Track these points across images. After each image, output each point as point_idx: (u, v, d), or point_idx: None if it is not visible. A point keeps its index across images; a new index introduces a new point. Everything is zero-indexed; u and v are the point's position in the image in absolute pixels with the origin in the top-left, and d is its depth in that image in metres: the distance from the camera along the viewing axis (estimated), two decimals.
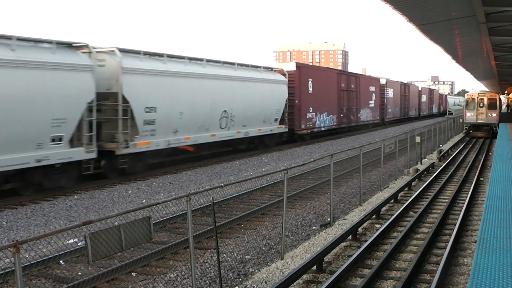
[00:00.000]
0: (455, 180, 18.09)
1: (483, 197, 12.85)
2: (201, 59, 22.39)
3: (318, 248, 9.35)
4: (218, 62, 23.68)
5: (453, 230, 10.55)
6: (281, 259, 9.33)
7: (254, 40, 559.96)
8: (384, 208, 13.28)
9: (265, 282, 8.12)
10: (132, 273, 8.72)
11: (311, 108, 33.01)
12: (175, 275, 8.60)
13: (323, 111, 35.18)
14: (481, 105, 37.22)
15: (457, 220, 11.33)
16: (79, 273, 8.72)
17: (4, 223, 12.14)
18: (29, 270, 8.61)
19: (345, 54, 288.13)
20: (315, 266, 8.46)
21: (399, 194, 14.96)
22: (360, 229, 11.11)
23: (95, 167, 17.01)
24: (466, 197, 14.01)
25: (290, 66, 31.37)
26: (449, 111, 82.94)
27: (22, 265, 7.73)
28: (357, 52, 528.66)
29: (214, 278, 8.41)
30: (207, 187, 11.21)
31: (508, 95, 52.13)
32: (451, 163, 22.62)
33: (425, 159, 24.10)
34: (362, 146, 16.02)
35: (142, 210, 8.91)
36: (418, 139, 22.81)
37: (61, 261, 9.18)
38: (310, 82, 32.85)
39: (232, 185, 10.99)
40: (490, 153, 25.08)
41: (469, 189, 15.40)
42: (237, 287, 8.12)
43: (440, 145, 29.99)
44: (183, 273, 8.69)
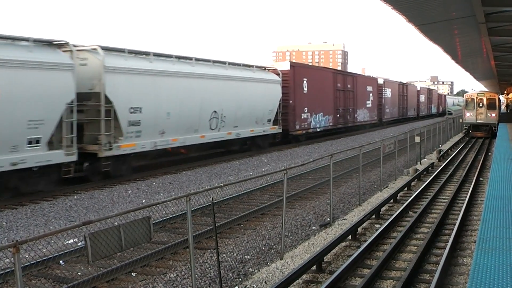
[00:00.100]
0: (454, 180, 18.09)
1: (483, 197, 12.85)
2: (190, 58, 21.72)
3: (318, 248, 9.35)
4: (208, 61, 23.02)
5: (452, 230, 10.55)
6: (280, 259, 9.33)
7: (254, 40, 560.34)
8: (383, 208, 13.28)
9: (265, 282, 8.12)
10: (132, 273, 8.73)
11: (306, 109, 32.43)
12: (175, 275, 8.61)
13: (319, 111, 34.58)
14: (480, 105, 37.24)
15: (457, 220, 11.33)
16: (79, 273, 8.72)
17: (4, 223, 12.14)
18: (29, 270, 8.61)
19: (344, 54, 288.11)
20: (314, 266, 8.46)
21: (399, 194, 14.97)
22: (359, 229, 11.11)
23: (77, 170, 16.44)
24: (466, 197, 14.01)
25: (284, 66, 30.77)
26: (448, 111, 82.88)
27: (22, 265, 7.75)
28: (357, 52, 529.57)
29: (214, 278, 8.41)
30: (207, 187, 11.22)
31: (507, 95, 52.17)
32: (450, 163, 22.62)
33: (425, 159, 24.11)
34: (361, 146, 16.02)
35: (142, 210, 8.90)
36: (417, 139, 22.81)
37: (61, 261, 9.18)
38: (305, 81, 32.24)
39: (232, 185, 11.01)
40: (489, 153, 25.08)
41: (469, 189, 15.40)
42: (237, 287, 8.12)
43: (440, 145, 30.00)
44: (183, 273, 8.69)
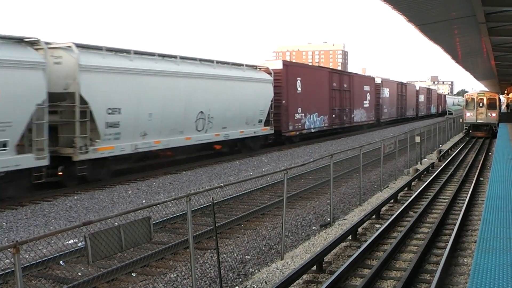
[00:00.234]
0: (455, 180, 18.08)
1: (483, 197, 12.84)
2: (175, 56, 20.82)
3: (318, 248, 9.34)
4: (194, 59, 22.18)
5: (453, 230, 10.54)
6: (281, 259, 9.33)
7: (254, 40, 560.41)
8: (384, 208, 13.28)
9: (265, 282, 8.12)
10: (132, 274, 8.73)
11: (299, 109, 31.58)
12: (175, 275, 8.61)
13: (313, 111, 33.75)
14: (480, 105, 37.23)
15: (457, 220, 11.32)
16: (79, 274, 8.72)
17: (4, 223, 12.15)
18: (29, 270, 8.60)
19: (344, 54, 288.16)
20: (315, 266, 8.46)
21: (399, 194, 14.96)
22: (360, 229, 11.10)
23: (51, 175, 15.71)
24: (466, 197, 14.00)
25: (277, 64, 29.90)
26: (449, 111, 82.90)
27: (22, 266, 7.75)
28: (357, 52, 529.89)
29: (214, 278, 8.41)
30: (207, 188, 11.21)
31: (507, 95, 52.13)
32: (451, 163, 22.61)
33: (425, 159, 24.10)
34: (362, 146, 16.02)
35: (142, 211, 8.91)
36: (418, 139, 22.81)
37: (61, 262, 9.17)
38: (298, 81, 31.41)
39: (232, 185, 11.01)
40: (490, 153, 25.07)
41: (469, 189, 15.39)
42: (237, 287, 8.12)
43: (440, 145, 30.00)
44: (183, 273, 8.69)
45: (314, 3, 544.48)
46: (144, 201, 14.82)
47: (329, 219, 12.24)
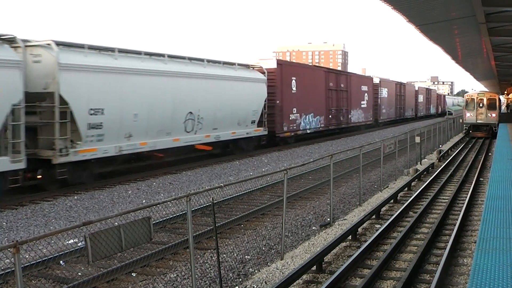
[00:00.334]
0: (454, 180, 18.09)
1: (483, 197, 12.85)
2: (162, 55, 20.10)
3: (318, 248, 9.35)
4: (183, 58, 21.43)
5: (453, 230, 10.55)
6: (281, 259, 9.33)
7: (254, 40, 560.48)
8: (384, 208, 13.28)
9: (265, 282, 8.12)
10: (132, 274, 8.73)
11: (294, 109, 30.80)
12: (175, 275, 8.61)
13: (309, 112, 32.96)
14: (480, 105, 37.24)
15: (457, 220, 11.33)
16: (79, 274, 8.73)
17: (4, 223, 12.15)
18: (29, 270, 8.61)
19: (344, 55, 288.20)
20: (315, 266, 8.46)
21: (399, 194, 14.96)
22: (360, 229, 11.11)
23: (31, 178, 15.10)
24: (466, 197, 14.01)
25: (271, 64, 29.08)
26: (449, 111, 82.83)
27: (22, 266, 7.75)
28: (357, 53, 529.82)
29: (214, 278, 8.41)
30: (207, 188, 11.22)
31: (507, 95, 52.13)
32: (450, 163, 22.62)
33: (425, 160, 24.10)
34: (362, 147, 16.03)
35: (142, 211, 8.92)
36: (417, 139, 22.82)
37: (61, 262, 9.18)
38: (293, 80, 30.61)
39: (232, 185, 11.02)
40: (489, 154, 25.08)
41: (469, 189, 15.40)
42: (237, 287, 8.12)
43: (440, 145, 30.01)
44: (183, 273, 8.69)
45: (314, 3, 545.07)
46: (144, 201, 14.83)
47: (329, 219, 12.24)
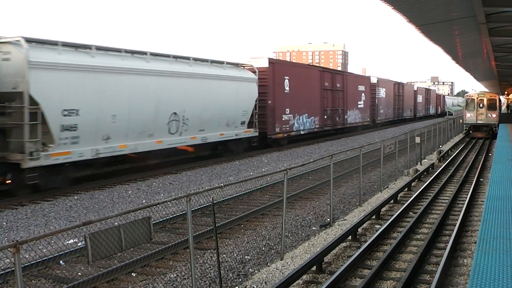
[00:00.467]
0: (455, 180, 18.09)
1: (483, 197, 12.85)
2: (144, 53, 19.14)
3: (318, 249, 9.35)
4: (167, 56, 20.54)
5: (453, 230, 10.55)
6: (281, 260, 9.33)
7: (254, 40, 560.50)
8: (384, 209, 13.28)
9: (265, 283, 8.12)
10: (132, 274, 8.73)
11: (287, 110, 29.72)
12: (175, 275, 8.61)
13: (303, 112, 31.90)
14: (481, 105, 37.22)
15: (457, 220, 11.32)
16: (79, 274, 8.73)
17: (4, 223, 12.15)
18: (29, 270, 8.61)
19: (344, 55, 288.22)
20: (315, 267, 8.46)
21: (399, 195, 14.96)
22: (360, 230, 11.11)
23: (1, 183, 14.57)
24: (466, 197, 14.01)
25: (262, 62, 27.83)
26: (449, 111, 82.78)
27: (22, 265, 7.74)
28: (357, 53, 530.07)
29: (214, 279, 8.41)
30: (207, 188, 11.23)
31: (508, 95, 52.14)
32: (451, 163, 22.61)
33: (425, 160, 24.11)
34: (362, 147, 16.03)
35: (142, 211, 8.92)
36: (418, 139, 22.81)
37: (61, 262, 9.17)
38: (286, 80, 29.60)
39: (232, 185, 11.00)
40: (490, 154, 25.07)
41: (469, 189, 15.39)
42: (237, 287, 8.12)
43: (440, 146, 30.00)
44: (183, 273, 8.69)
45: (314, 3, 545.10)
46: (144, 201, 14.83)
47: (329, 219, 12.24)
